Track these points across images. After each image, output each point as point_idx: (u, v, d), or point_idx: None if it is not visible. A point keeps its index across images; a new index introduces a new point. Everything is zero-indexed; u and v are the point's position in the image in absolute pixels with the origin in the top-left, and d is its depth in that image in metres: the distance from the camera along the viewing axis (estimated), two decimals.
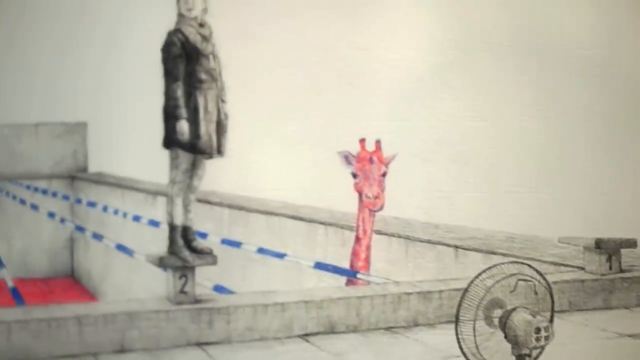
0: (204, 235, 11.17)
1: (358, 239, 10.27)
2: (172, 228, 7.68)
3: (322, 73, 10.26)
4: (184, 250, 7.59)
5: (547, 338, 5.84)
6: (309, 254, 11.35)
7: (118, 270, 14.75)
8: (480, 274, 5.97)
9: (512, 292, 5.97)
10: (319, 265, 10.83)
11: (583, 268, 8.93)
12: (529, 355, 5.90)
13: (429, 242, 10.36)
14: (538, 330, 5.82)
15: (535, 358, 5.93)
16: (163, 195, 7.91)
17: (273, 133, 10.35)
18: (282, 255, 11.52)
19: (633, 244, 8.89)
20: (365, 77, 10.27)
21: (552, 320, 5.99)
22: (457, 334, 5.93)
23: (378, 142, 10.09)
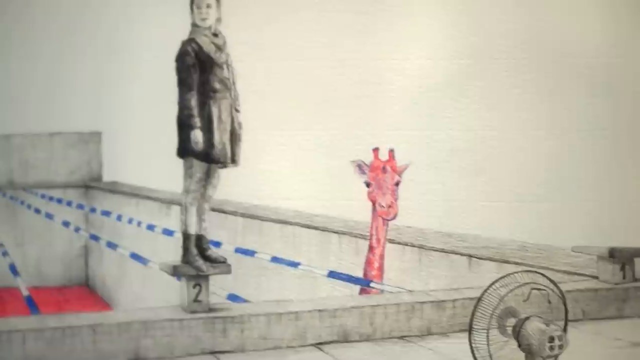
0: (218, 244, 11.17)
1: (371, 248, 10.27)
2: (186, 237, 7.70)
3: (336, 83, 10.28)
4: (198, 259, 7.60)
5: (560, 347, 5.85)
6: (323, 263, 11.35)
7: (132, 279, 14.77)
8: (494, 283, 5.98)
9: (525, 301, 5.98)
10: (333, 274, 10.83)
11: (597, 277, 8.92)
12: None
13: (443, 251, 10.36)
14: (552, 339, 5.82)
15: None
16: (177, 205, 7.93)
17: (287, 142, 10.37)
18: (295, 264, 11.52)
19: None
20: (379, 87, 10.28)
21: (565, 329, 6.00)
22: (470, 343, 5.94)
23: (391, 151, 10.11)
